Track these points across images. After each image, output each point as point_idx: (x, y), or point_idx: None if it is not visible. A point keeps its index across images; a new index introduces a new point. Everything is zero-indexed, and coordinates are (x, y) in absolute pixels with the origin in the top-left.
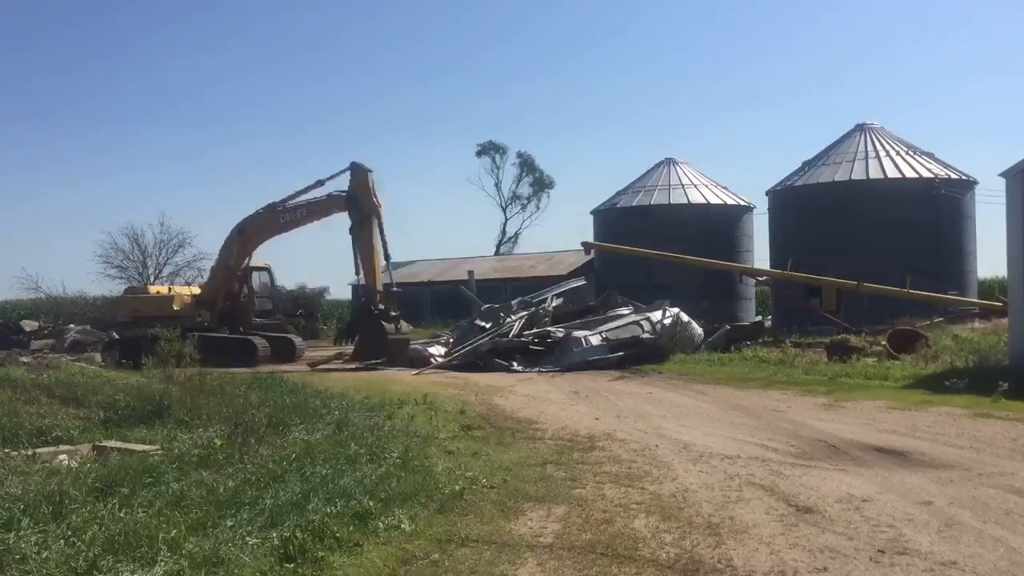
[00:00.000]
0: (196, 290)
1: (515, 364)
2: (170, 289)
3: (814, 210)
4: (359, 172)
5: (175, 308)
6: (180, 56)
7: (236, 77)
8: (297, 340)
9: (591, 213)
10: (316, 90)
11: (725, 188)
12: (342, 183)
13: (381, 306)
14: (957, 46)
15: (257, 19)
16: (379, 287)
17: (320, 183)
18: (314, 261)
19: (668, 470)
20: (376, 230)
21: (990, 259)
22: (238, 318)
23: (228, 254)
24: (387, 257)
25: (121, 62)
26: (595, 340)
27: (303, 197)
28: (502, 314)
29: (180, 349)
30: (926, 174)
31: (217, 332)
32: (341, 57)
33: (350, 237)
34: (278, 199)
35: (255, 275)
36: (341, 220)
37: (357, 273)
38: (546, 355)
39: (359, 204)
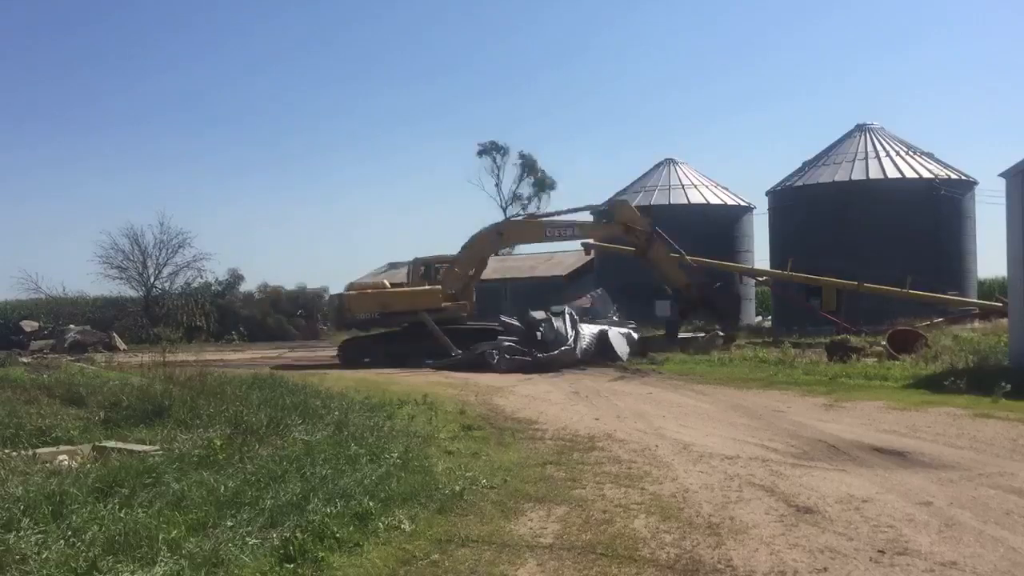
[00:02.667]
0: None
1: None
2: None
3: (814, 210)
4: (622, 205)
5: (443, 302)
6: (180, 57)
7: (236, 78)
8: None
9: (591, 213)
10: (316, 90)
11: (725, 188)
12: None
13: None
14: (957, 46)
15: (257, 20)
16: (685, 281)
17: (592, 207)
18: (314, 261)
19: (668, 470)
20: (659, 241)
21: (990, 259)
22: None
23: (483, 248)
24: (681, 255)
25: (121, 63)
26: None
27: (569, 216)
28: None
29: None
30: (926, 174)
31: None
32: (341, 57)
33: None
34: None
35: None
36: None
37: (663, 282)
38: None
39: (634, 229)
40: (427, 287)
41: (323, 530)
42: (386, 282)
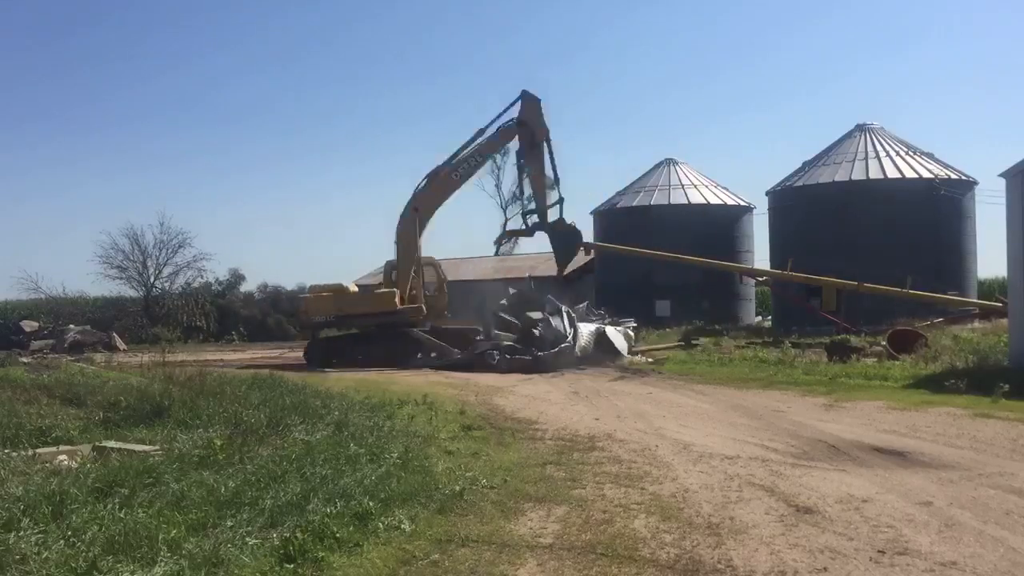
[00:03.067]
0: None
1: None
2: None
3: (814, 210)
4: (530, 99)
5: (397, 305)
6: (180, 57)
7: (236, 78)
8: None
9: (591, 213)
10: (316, 90)
11: (725, 188)
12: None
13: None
14: (957, 46)
15: (256, 20)
16: (548, 204)
17: (481, 131)
18: (314, 261)
19: (668, 470)
20: (546, 155)
21: (990, 259)
22: (430, 313)
23: (410, 239)
24: (556, 180)
25: (121, 63)
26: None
27: (467, 150)
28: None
29: None
30: (926, 174)
31: (421, 329)
32: (341, 57)
33: (516, 168)
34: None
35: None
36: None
37: (520, 196)
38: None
39: (531, 128)
40: (382, 290)
41: (323, 530)
42: (345, 285)
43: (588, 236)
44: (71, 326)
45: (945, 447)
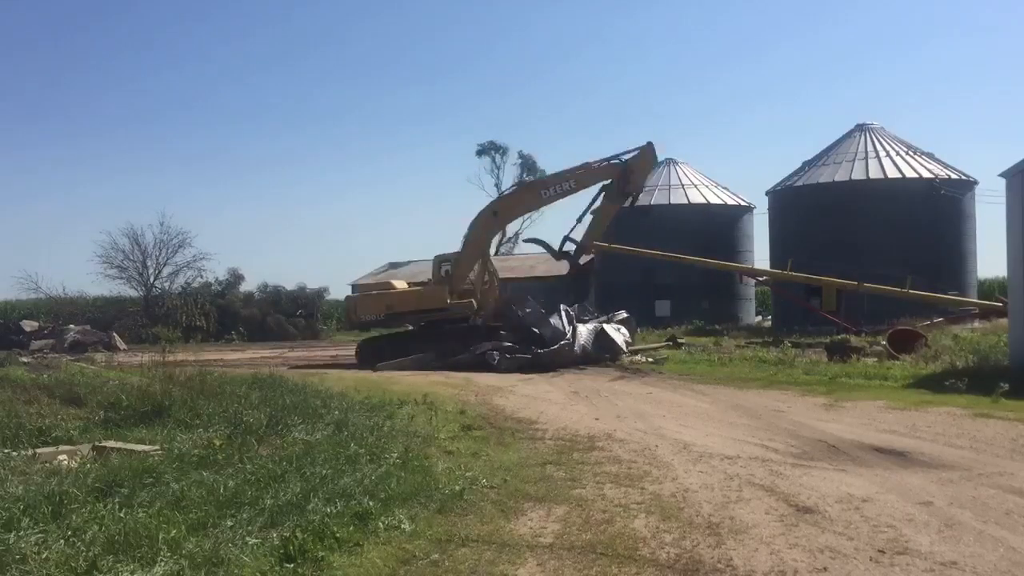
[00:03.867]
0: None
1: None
2: (409, 284)
3: (814, 210)
4: (650, 153)
5: (447, 301)
6: (180, 57)
7: (237, 78)
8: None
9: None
10: (317, 91)
11: (725, 188)
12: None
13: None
14: (957, 46)
15: (257, 21)
16: (583, 255)
17: (587, 164)
18: (314, 261)
19: (668, 470)
20: (622, 207)
21: (990, 259)
22: (484, 305)
23: (482, 236)
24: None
25: (121, 63)
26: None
27: (565, 172)
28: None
29: None
30: (926, 174)
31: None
32: (342, 58)
33: (595, 195)
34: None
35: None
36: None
37: (577, 222)
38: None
39: (631, 179)
40: (431, 286)
41: (323, 530)
42: (393, 283)
43: None
44: (71, 326)
45: (945, 447)
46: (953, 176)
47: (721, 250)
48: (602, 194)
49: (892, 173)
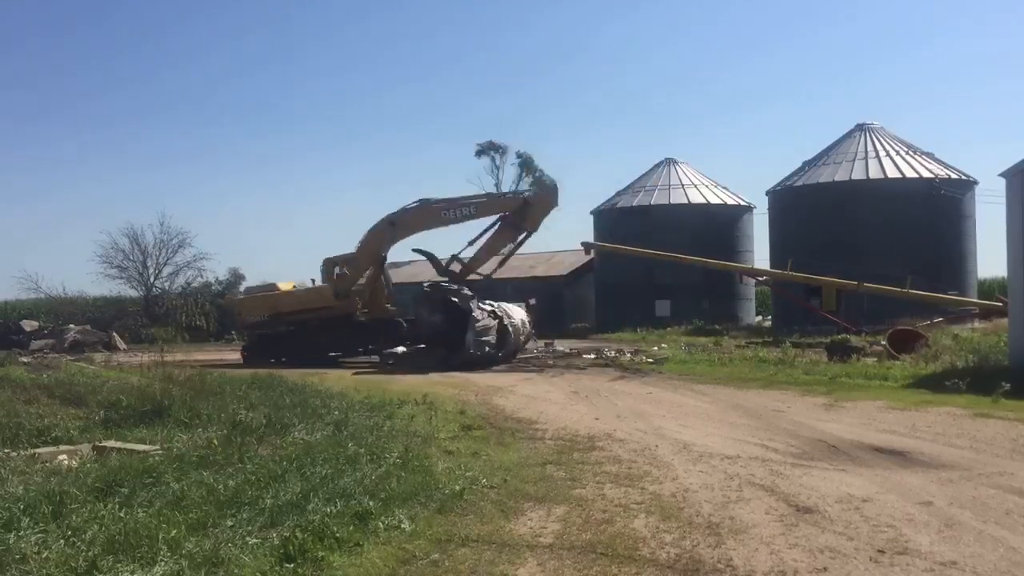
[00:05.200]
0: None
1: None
2: (294, 285)
3: (814, 210)
4: (550, 193)
5: (333, 300)
6: (180, 56)
7: (236, 77)
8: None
9: (591, 213)
10: (316, 90)
11: (725, 188)
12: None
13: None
14: (957, 46)
15: (257, 20)
16: (467, 277)
17: (494, 193)
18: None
19: (668, 470)
20: (512, 245)
21: (990, 259)
22: (373, 306)
23: (377, 244)
24: (490, 275)
25: (121, 63)
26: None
27: (468, 198)
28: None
29: None
30: (926, 174)
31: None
32: (341, 57)
33: (492, 220)
34: (432, 197)
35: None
36: None
37: (470, 244)
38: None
39: (529, 215)
40: (314, 287)
41: (323, 530)
42: (278, 284)
43: (588, 236)
44: (71, 326)
45: (945, 447)
46: (953, 176)
47: (721, 250)
48: (498, 224)
49: (892, 173)
